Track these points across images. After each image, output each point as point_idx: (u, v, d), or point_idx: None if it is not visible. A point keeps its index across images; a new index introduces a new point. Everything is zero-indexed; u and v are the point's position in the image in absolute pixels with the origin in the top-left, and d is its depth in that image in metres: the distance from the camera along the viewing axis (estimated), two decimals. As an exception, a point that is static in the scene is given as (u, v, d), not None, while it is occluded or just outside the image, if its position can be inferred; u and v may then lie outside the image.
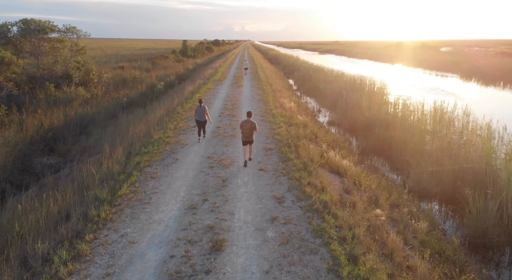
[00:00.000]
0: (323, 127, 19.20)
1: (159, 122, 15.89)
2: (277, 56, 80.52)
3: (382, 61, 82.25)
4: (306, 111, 22.25)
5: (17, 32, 28.95)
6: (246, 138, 10.52)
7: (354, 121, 20.87)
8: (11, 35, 29.24)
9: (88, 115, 22.40)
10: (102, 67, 45.37)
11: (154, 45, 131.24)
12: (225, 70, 42.00)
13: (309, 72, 43.28)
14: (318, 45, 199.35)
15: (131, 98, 28.33)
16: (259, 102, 21.24)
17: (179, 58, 67.42)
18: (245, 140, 10.55)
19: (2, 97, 23.63)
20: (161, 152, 11.65)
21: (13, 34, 29.27)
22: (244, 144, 10.63)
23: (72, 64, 30.86)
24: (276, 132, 14.30)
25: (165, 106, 20.24)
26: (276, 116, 17.30)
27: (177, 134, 13.97)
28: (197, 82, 30.88)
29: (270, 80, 32.37)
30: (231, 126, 15.46)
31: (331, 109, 26.24)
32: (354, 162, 12.84)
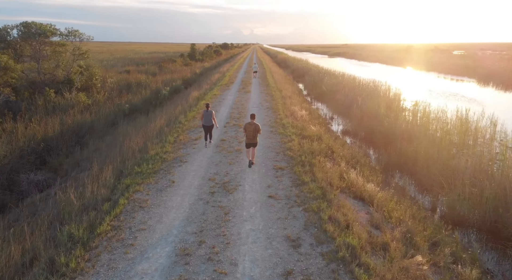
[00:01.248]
0: (338, 138, 17.55)
1: (158, 134, 14.42)
2: (286, 60, 78.96)
3: (394, 64, 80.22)
4: (319, 119, 20.63)
5: (17, 36, 27.88)
6: (250, 141, 10.53)
7: (371, 130, 19.20)
8: (10, 38, 28.16)
9: (86, 124, 21.06)
10: (108, 71, 44.29)
11: (164, 49, 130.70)
12: (232, 75, 40.57)
13: (320, 76, 41.68)
14: (327, 48, 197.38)
15: (134, 104, 27.01)
16: (268, 110, 19.68)
17: (187, 61, 66.36)
18: (249, 142, 10.60)
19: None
20: (156, 172, 10.14)
21: (12, 38, 28.19)
22: (248, 147, 10.71)
23: (74, 69, 29.66)
24: (287, 146, 12.71)
25: (167, 114, 18.81)
26: (287, 126, 15.72)
27: (176, 148, 12.47)
28: (203, 88, 29.48)
29: (280, 85, 30.82)
30: (237, 138, 13.91)
31: (345, 116, 24.61)
32: (378, 182, 11.20)
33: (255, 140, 10.59)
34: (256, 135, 10.55)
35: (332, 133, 18.30)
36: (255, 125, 10.56)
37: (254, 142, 10.60)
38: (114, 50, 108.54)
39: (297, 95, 29.38)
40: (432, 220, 9.19)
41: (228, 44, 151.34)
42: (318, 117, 21.33)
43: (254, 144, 10.64)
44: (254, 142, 10.61)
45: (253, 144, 10.63)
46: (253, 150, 10.74)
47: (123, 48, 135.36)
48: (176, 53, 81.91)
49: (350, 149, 14.75)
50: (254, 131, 10.48)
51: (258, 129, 10.55)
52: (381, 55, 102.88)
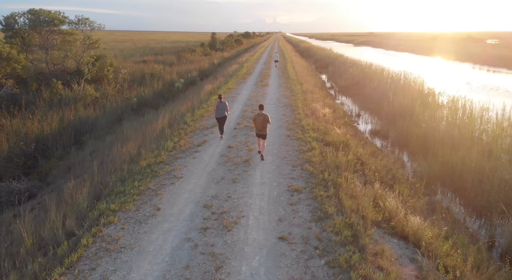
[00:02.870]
0: (368, 143, 15.10)
1: (157, 137, 12.45)
2: (309, 49, 75.76)
3: (424, 54, 75.62)
4: (344, 118, 18.18)
5: (24, 24, 26.44)
6: (259, 131, 10.42)
7: (406, 132, 16.66)
8: (18, 26, 26.73)
9: (89, 119, 19.36)
10: (125, 61, 42.86)
11: (186, 38, 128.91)
12: (251, 66, 38.24)
13: (344, 67, 38.82)
14: (352, 36, 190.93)
15: (145, 98, 25.21)
16: (286, 107, 17.39)
17: (207, 51, 64.39)
18: (258, 133, 10.49)
19: (2, 96, 21.10)
20: (141, 193, 8.14)
21: (20, 26, 26.76)
22: (258, 136, 10.57)
23: (85, 59, 28.06)
24: (306, 157, 10.46)
25: (173, 111, 16.83)
26: (307, 129, 13.43)
27: (173, 158, 10.43)
28: (218, 80, 27.38)
29: (300, 78, 28.34)
30: (247, 144, 11.75)
31: (374, 113, 22.05)
32: (422, 207, 8.85)
33: (264, 131, 10.37)
34: (266, 126, 10.34)
35: (360, 136, 15.86)
36: (264, 115, 10.37)
37: (264, 133, 10.39)
38: (137, 40, 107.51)
39: (319, 88, 26.88)
40: (502, 273, 6.79)
41: (250, 33, 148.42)
42: (343, 115, 18.87)
43: (263, 136, 10.42)
44: (264, 133, 10.40)
45: (262, 136, 10.42)
46: (262, 141, 10.52)
47: (147, 37, 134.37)
48: (198, 43, 79.97)
49: (383, 158, 12.33)
50: (263, 122, 10.30)
51: (267, 120, 10.34)
52: (409, 44, 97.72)
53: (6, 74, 22.78)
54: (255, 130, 10.57)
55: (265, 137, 10.51)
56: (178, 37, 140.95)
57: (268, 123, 10.41)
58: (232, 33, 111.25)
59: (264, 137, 10.47)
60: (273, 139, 12.37)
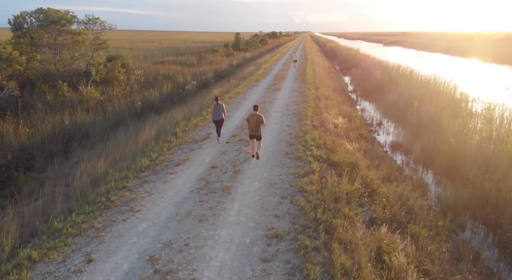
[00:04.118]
0: (385, 160, 12.93)
1: (136, 152, 10.87)
2: (335, 49, 72.94)
3: (458, 55, 71.12)
4: (360, 129, 16.02)
5: (33, 23, 25.74)
6: (252, 132, 10.26)
7: (431, 147, 14.39)
8: (27, 26, 26.06)
9: (85, 125, 18.14)
10: (144, 62, 41.97)
11: (213, 38, 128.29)
12: (269, 67, 36.37)
13: (369, 68, 36.27)
14: (382, 36, 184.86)
15: (151, 101, 23.89)
16: (293, 116, 15.46)
17: (230, 52, 63.06)
18: (251, 134, 10.31)
19: (3, 98, 20.29)
20: (79, 234, 6.50)
21: (29, 26, 26.08)
22: (251, 138, 10.42)
23: (94, 60, 27.08)
24: (300, 185, 8.53)
25: (167, 119, 15.28)
26: (310, 145, 11.47)
27: (141, 182, 8.77)
28: (231, 83, 25.73)
29: (319, 81, 26.22)
30: (235, 164, 9.94)
31: (398, 121, 19.78)
32: (443, 263, 6.77)
33: (258, 132, 10.18)
34: (259, 127, 10.14)
35: (377, 151, 13.70)
36: (258, 116, 10.14)
37: (258, 134, 10.21)
38: (165, 40, 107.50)
39: (339, 93, 24.68)
40: None
41: (277, 33, 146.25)
42: (359, 125, 16.68)
43: (257, 137, 10.27)
44: (257, 134, 10.21)
45: (256, 137, 10.26)
46: (257, 143, 10.38)
47: (175, 37, 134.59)
48: (223, 43, 78.87)
49: (399, 184, 10.18)
50: (257, 123, 10.09)
51: (261, 121, 10.13)
52: (443, 44, 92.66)
53: (8, 76, 22.01)
54: (248, 131, 10.33)
55: (259, 138, 10.32)
56: (206, 37, 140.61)
57: (262, 124, 10.16)
58: (257, 33, 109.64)
59: (258, 138, 10.30)
60: (267, 156, 10.52)
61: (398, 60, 43.42)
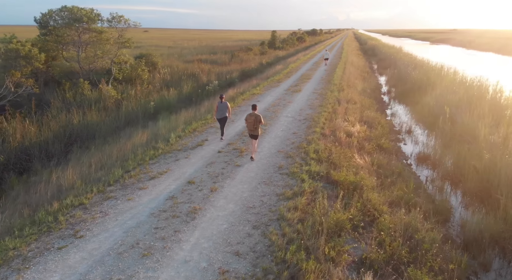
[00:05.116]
0: (404, 175, 11.13)
1: (115, 161, 9.95)
2: (375, 47, 69.49)
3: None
4: (382, 137, 14.19)
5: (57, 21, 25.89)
6: (251, 132, 10.25)
7: (462, 162, 12.41)
8: (53, 24, 26.28)
9: (94, 125, 17.67)
10: (175, 61, 41.77)
11: (253, 36, 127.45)
12: (297, 66, 34.72)
13: (408, 69, 33.61)
14: (430, 33, 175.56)
15: (167, 101, 23.21)
16: (304, 122, 13.97)
17: (265, 50, 61.86)
18: (250, 133, 10.33)
19: (22, 96, 20.37)
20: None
21: (54, 24, 26.28)
22: (251, 137, 10.40)
23: (119, 58, 26.88)
24: (282, 211, 7.12)
25: (170, 121, 14.34)
26: (310, 158, 10.00)
27: (101, 199, 7.76)
28: (252, 83, 24.52)
29: (346, 82, 24.33)
30: (216, 180, 8.68)
31: (430, 129, 17.73)
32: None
33: (256, 131, 10.17)
34: (258, 126, 10.11)
35: (394, 165, 11.90)
36: (256, 116, 10.08)
37: (256, 133, 10.21)
38: (206, 38, 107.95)
39: (367, 95, 22.71)
40: None
41: (317, 30, 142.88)
42: (382, 133, 14.81)
43: (255, 136, 10.25)
44: (255, 134, 10.21)
45: (254, 136, 10.25)
46: (254, 142, 10.35)
47: (216, 35, 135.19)
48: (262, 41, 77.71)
49: (413, 207, 8.47)
50: (255, 122, 10.05)
51: (259, 120, 10.05)
52: (496, 42, 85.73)
53: (30, 73, 22.17)
54: (248, 131, 10.31)
55: (256, 138, 10.31)
56: (246, 36, 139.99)
57: (260, 123, 10.08)
58: (295, 31, 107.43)
59: (256, 137, 10.28)
60: (256, 171, 9.21)
61: (444, 60, 40.06)
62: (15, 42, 20.92)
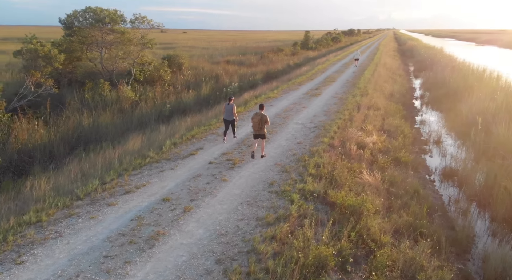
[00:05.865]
0: (422, 192, 9.69)
1: (97, 170, 9.29)
2: (414, 48, 66.13)
3: None
4: (403, 148, 12.69)
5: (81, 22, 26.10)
6: (256, 132, 10.11)
7: (492, 182, 10.80)
8: (77, 25, 26.53)
9: (102, 127, 17.36)
10: (202, 62, 41.48)
11: (289, 37, 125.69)
12: (324, 67, 33.23)
13: (445, 72, 31.24)
14: (476, 34, 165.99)
15: (184, 103, 22.66)
16: (313, 130, 12.77)
17: (296, 50, 60.57)
18: (255, 133, 10.16)
19: (42, 95, 20.51)
20: None
21: (79, 24, 26.52)
22: (255, 137, 10.26)
23: (142, 59, 26.74)
24: (256, 241, 6.08)
25: (175, 126, 13.63)
26: (308, 174, 8.85)
27: (65, 215, 7.05)
28: (271, 85, 23.48)
29: (373, 85, 22.70)
30: (195, 196, 7.74)
31: (463, 139, 16.04)
32: None
33: (261, 131, 10.06)
34: (263, 126, 10.01)
35: (411, 183, 10.45)
36: (262, 116, 9.97)
37: (261, 133, 10.09)
38: (241, 39, 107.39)
39: (395, 100, 21.02)
40: None
41: (354, 30, 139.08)
42: (403, 144, 13.29)
43: (261, 136, 10.14)
44: (261, 134, 10.10)
45: (260, 136, 10.13)
46: (261, 142, 10.32)
47: (251, 36, 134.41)
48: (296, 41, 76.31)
49: (423, 237, 7.13)
50: (260, 122, 9.94)
51: (265, 120, 9.95)
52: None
53: (48, 73, 22.32)
54: (253, 131, 10.23)
55: (263, 137, 10.21)
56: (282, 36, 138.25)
57: (266, 124, 9.97)
58: (330, 31, 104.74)
59: (262, 137, 10.17)
60: (243, 187, 8.22)
61: (488, 62, 37.05)
62: (34, 43, 21.10)
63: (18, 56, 22.70)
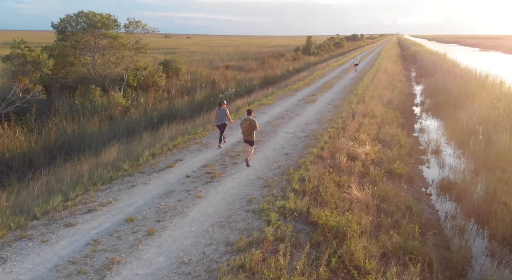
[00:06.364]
0: (416, 209, 8.93)
1: (62, 186, 8.63)
2: (416, 53, 65.36)
3: None
4: (398, 160, 11.93)
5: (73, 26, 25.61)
6: (246, 137, 9.96)
7: (491, 196, 10.10)
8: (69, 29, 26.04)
9: (87, 136, 16.72)
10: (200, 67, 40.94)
11: (291, 42, 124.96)
12: (323, 73, 32.55)
13: (445, 78, 30.49)
14: (481, 39, 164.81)
15: (176, 110, 22.03)
16: (302, 140, 12.06)
17: (298, 56, 60.02)
18: (245, 139, 10.01)
19: (31, 101, 19.95)
20: None
21: (71, 29, 26.03)
22: (246, 142, 10.08)
23: (136, 64, 26.17)
24: (220, 270, 5.43)
25: (157, 134, 12.97)
26: (292, 190, 8.14)
27: (16, 238, 6.34)
28: (266, 91, 22.84)
29: (372, 92, 21.99)
30: (163, 216, 7.06)
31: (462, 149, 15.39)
32: None
33: (251, 137, 9.85)
34: (252, 132, 9.80)
35: (404, 198, 9.69)
36: (250, 121, 9.81)
37: (250, 139, 9.88)
38: (243, 44, 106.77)
39: (394, 107, 20.28)
40: None
41: (357, 36, 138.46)
42: (399, 155, 12.55)
43: (250, 142, 9.93)
44: (250, 139, 9.89)
45: (249, 142, 9.94)
46: (249, 148, 10.04)
47: (254, 42, 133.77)
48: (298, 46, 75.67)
49: (413, 261, 6.39)
50: (250, 128, 9.74)
51: (254, 126, 9.78)
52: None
53: (38, 79, 21.76)
54: (242, 136, 10.11)
55: (252, 144, 9.99)
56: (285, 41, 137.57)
57: (255, 129, 9.79)
58: (333, 36, 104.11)
59: (251, 143, 9.95)
60: (218, 205, 7.52)
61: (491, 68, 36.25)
62: (22, 47, 20.58)
63: (7, 62, 22.19)
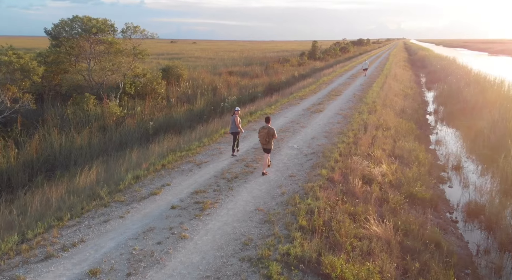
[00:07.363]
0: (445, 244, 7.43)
1: (30, 217, 7.24)
2: (425, 58, 63.70)
3: None
4: (418, 180, 10.41)
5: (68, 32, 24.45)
6: (263, 145, 9.83)
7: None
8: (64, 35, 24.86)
9: (75, 150, 15.38)
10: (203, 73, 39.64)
11: (297, 47, 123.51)
12: (330, 79, 31.05)
13: (460, 84, 28.90)
14: (489, 43, 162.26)
15: (174, 119, 20.66)
16: (309, 158, 10.57)
17: (303, 61, 58.76)
18: (263, 147, 9.90)
19: (19, 111, 18.70)
20: None
21: (66, 35, 24.85)
22: (264, 150, 9.91)
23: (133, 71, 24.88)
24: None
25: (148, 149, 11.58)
26: (296, 228, 6.68)
27: None
28: (270, 99, 21.43)
29: (383, 100, 20.48)
30: (137, 266, 5.64)
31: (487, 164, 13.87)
32: None
33: (268, 145, 9.69)
34: (270, 140, 9.64)
35: (430, 233, 8.18)
36: (269, 129, 9.61)
37: (268, 147, 9.71)
38: (249, 49, 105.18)
39: (407, 117, 18.76)
40: None
41: (363, 40, 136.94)
42: (421, 173, 11.03)
43: (267, 150, 9.77)
44: (268, 148, 9.71)
45: (267, 150, 9.77)
46: (266, 155, 9.80)
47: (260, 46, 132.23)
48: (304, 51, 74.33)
49: None
50: (267, 136, 9.58)
51: (272, 134, 9.61)
52: None
53: (28, 87, 20.51)
54: (260, 144, 9.97)
55: (269, 151, 9.84)
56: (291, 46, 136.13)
57: (273, 137, 9.67)
58: (339, 41, 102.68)
59: (268, 151, 9.82)
60: (206, 252, 6.07)
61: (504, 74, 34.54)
62: (10, 54, 19.36)
63: (-4, 69, 20.98)
